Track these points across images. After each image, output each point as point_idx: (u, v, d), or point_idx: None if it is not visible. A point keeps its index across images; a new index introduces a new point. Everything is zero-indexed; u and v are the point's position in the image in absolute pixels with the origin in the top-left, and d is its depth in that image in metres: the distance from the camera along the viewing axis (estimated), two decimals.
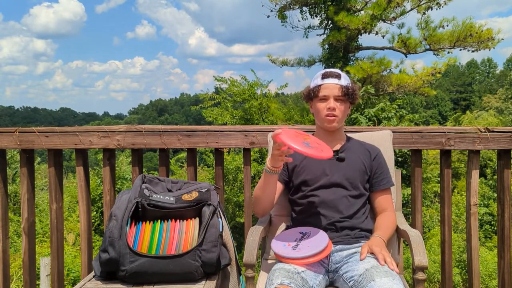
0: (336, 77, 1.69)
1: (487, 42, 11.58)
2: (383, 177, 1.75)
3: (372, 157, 1.76)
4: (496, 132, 2.10)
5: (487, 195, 14.87)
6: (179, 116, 68.65)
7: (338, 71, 1.72)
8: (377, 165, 1.75)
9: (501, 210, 2.15)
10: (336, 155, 1.72)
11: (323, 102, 1.69)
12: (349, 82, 1.71)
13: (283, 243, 1.54)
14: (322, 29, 14.30)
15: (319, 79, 1.71)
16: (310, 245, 1.49)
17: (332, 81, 1.68)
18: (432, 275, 8.37)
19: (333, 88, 1.67)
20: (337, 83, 1.68)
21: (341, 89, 1.67)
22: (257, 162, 10.22)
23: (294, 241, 1.53)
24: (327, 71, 1.71)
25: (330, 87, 1.68)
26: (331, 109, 1.67)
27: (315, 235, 1.55)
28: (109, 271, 1.54)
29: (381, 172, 1.75)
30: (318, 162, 1.68)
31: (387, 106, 9.44)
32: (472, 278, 2.14)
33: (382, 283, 1.35)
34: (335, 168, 1.71)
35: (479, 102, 39.27)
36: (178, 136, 2.15)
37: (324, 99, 1.69)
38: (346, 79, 1.70)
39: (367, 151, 1.77)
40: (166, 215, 1.60)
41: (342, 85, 1.68)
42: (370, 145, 1.81)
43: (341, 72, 1.73)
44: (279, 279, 1.38)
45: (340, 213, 1.64)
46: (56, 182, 2.24)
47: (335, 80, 1.68)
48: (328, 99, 1.68)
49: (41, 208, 10.08)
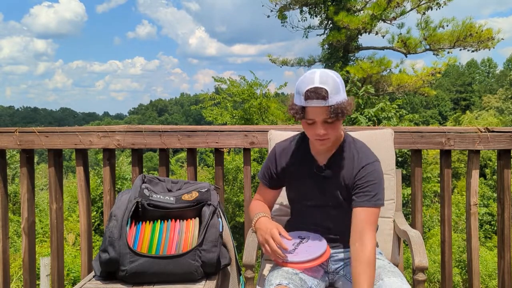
0: (322, 99, 1.33)
1: (487, 42, 11.59)
2: (363, 193, 1.44)
3: (354, 173, 1.48)
4: (496, 132, 2.10)
5: (487, 195, 14.88)
6: (179, 116, 68.66)
7: (325, 88, 1.34)
8: (358, 180, 1.46)
9: (501, 210, 2.15)
10: (322, 172, 1.53)
11: (310, 126, 1.41)
12: (340, 98, 1.36)
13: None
14: (322, 29, 14.32)
15: (302, 99, 1.37)
16: (308, 250, 1.48)
17: (318, 104, 1.34)
18: (432, 275, 8.38)
19: (319, 112, 1.36)
20: (323, 105, 1.34)
21: (329, 111, 1.35)
22: (257, 162, 10.23)
23: (292, 245, 1.51)
24: (310, 90, 1.34)
25: (315, 110, 1.36)
26: (320, 135, 1.40)
27: (314, 240, 1.53)
28: (109, 271, 1.54)
29: (361, 187, 1.45)
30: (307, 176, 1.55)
31: (387, 106, 9.44)
32: (472, 278, 2.14)
33: (392, 282, 1.35)
34: (321, 186, 1.53)
35: (479, 102, 39.28)
36: (178, 136, 2.15)
37: (311, 123, 1.40)
38: (335, 95, 1.35)
39: (352, 166, 1.49)
40: (166, 215, 1.60)
41: (330, 105, 1.35)
42: (361, 156, 1.50)
43: (329, 85, 1.35)
44: (278, 280, 1.38)
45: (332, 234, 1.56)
46: (56, 182, 2.24)
47: (321, 102, 1.34)
48: (316, 123, 1.39)
49: (41, 208, 10.09)
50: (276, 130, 1.99)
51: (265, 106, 11.26)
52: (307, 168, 1.55)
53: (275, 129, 1.99)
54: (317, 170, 1.53)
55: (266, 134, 2.01)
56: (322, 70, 1.40)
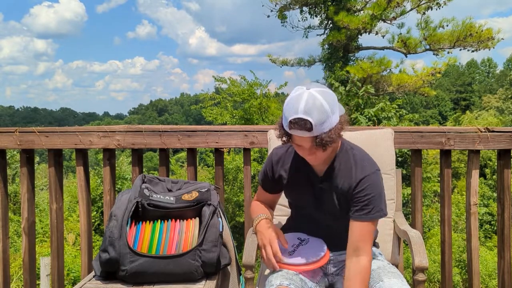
0: (306, 130, 1.26)
1: (487, 42, 11.59)
2: (361, 206, 1.39)
3: (352, 186, 1.41)
4: (496, 132, 2.10)
5: (487, 195, 14.87)
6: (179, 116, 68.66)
7: (309, 120, 1.25)
8: (357, 192, 1.40)
9: (501, 210, 2.15)
10: (320, 183, 1.48)
11: (298, 147, 1.37)
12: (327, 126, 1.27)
13: (280, 247, 1.52)
14: (322, 29, 14.34)
15: (286, 126, 1.31)
16: (307, 252, 1.47)
17: (302, 134, 1.28)
18: (432, 275, 8.37)
19: (304, 141, 1.31)
20: (307, 135, 1.28)
21: (313, 141, 1.29)
22: (257, 162, 10.23)
23: (292, 246, 1.50)
24: (294, 121, 1.26)
25: (299, 139, 1.31)
26: (307, 158, 1.38)
27: (313, 243, 1.52)
28: (109, 271, 1.54)
29: (360, 201, 1.39)
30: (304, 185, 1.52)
31: (387, 106, 9.44)
32: (472, 278, 2.14)
33: (392, 283, 1.35)
34: (318, 196, 1.49)
35: (479, 102, 39.27)
36: (178, 136, 2.15)
37: (298, 145, 1.36)
38: (321, 125, 1.26)
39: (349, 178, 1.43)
40: (166, 215, 1.60)
41: (314, 136, 1.28)
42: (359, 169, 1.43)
43: (313, 116, 1.25)
44: (279, 280, 1.38)
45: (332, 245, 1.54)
46: (56, 182, 2.24)
47: (305, 133, 1.27)
48: (303, 147, 1.34)
49: (41, 208, 10.08)
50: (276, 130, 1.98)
51: (265, 106, 11.26)
52: (304, 176, 1.51)
53: (275, 129, 1.99)
54: (314, 181, 1.49)
55: (266, 134, 2.01)
56: (310, 94, 1.27)
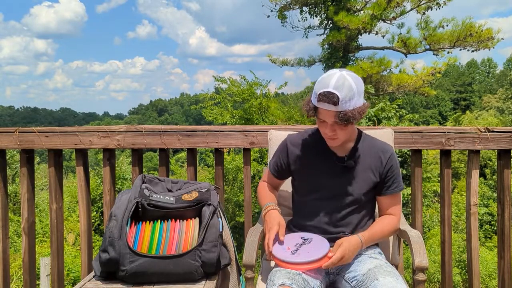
0: (332, 103, 1.40)
1: (487, 42, 11.59)
2: (392, 182, 1.59)
3: (384, 163, 1.58)
4: (496, 132, 2.10)
5: (487, 195, 14.88)
6: (179, 116, 68.68)
7: (337, 94, 1.39)
8: (388, 170, 1.58)
9: (501, 210, 2.15)
10: (343, 162, 1.58)
11: (322, 124, 1.51)
12: (352, 104, 1.42)
13: (283, 246, 1.52)
14: (322, 29, 14.34)
15: (315, 99, 1.45)
16: (309, 251, 1.47)
17: (328, 108, 1.42)
18: (432, 275, 8.38)
19: (328, 115, 1.44)
20: (333, 109, 1.41)
21: (337, 115, 1.42)
22: (257, 162, 10.23)
23: (295, 245, 1.51)
24: (324, 94, 1.41)
25: (324, 113, 1.44)
26: (328, 135, 1.51)
27: (316, 241, 1.52)
28: (109, 271, 1.54)
29: (391, 177, 1.59)
30: (324, 168, 1.60)
31: (387, 106, 9.45)
32: (472, 278, 2.14)
33: (387, 282, 1.36)
34: (340, 176, 1.58)
35: (479, 102, 39.27)
36: (178, 136, 2.15)
37: (321, 121, 1.49)
38: (347, 102, 1.40)
39: (379, 155, 1.59)
40: (166, 215, 1.60)
41: (338, 111, 1.41)
42: (382, 145, 1.63)
43: (342, 92, 1.40)
44: (281, 280, 1.38)
45: (342, 226, 1.58)
46: (56, 182, 2.24)
47: (331, 106, 1.41)
48: (326, 123, 1.48)
49: (41, 208, 10.08)
50: (276, 130, 1.99)
51: (265, 106, 11.27)
52: (324, 159, 1.61)
53: (275, 129, 2.00)
54: (337, 161, 1.60)
55: (266, 134, 2.01)
56: (341, 74, 1.43)
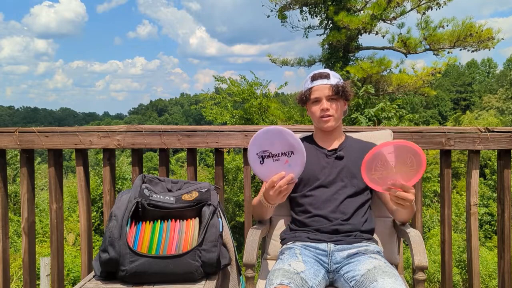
0: (325, 78, 1.71)
1: (487, 42, 11.58)
2: None
3: None
4: (496, 132, 2.10)
5: (487, 195, 14.87)
6: (179, 116, 68.68)
7: (327, 71, 1.73)
8: None
9: (501, 210, 2.15)
10: (334, 153, 1.74)
11: (316, 104, 1.73)
12: (339, 80, 1.73)
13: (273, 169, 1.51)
14: (322, 29, 14.33)
15: (308, 82, 1.74)
16: (298, 158, 1.48)
17: (321, 82, 1.70)
18: (432, 275, 8.37)
19: (323, 89, 1.70)
20: (326, 83, 1.70)
21: (331, 88, 1.69)
22: None
23: (284, 163, 1.50)
24: (316, 72, 1.73)
25: (320, 88, 1.70)
26: (324, 110, 1.70)
27: (296, 152, 1.50)
28: (109, 271, 1.54)
29: None
30: (316, 161, 1.73)
31: (387, 106, 9.45)
32: (472, 278, 2.14)
33: (385, 283, 1.35)
34: (334, 166, 1.72)
35: (479, 102, 39.26)
36: (178, 136, 2.15)
37: (316, 101, 1.72)
38: (335, 77, 1.72)
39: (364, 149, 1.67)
40: (166, 215, 1.60)
41: (331, 84, 1.69)
42: (367, 143, 1.81)
43: (330, 71, 1.74)
44: (279, 279, 1.38)
45: (339, 213, 1.64)
46: (56, 182, 2.24)
47: (324, 80, 1.70)
48: (321, 101, 1.70)
49: (41, 208, 10.09)
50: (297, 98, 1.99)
51: (265, 106, 11.27)
52: (316, 155, 1.76)
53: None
54: (329, 154, 1.74)
55: None
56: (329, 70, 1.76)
